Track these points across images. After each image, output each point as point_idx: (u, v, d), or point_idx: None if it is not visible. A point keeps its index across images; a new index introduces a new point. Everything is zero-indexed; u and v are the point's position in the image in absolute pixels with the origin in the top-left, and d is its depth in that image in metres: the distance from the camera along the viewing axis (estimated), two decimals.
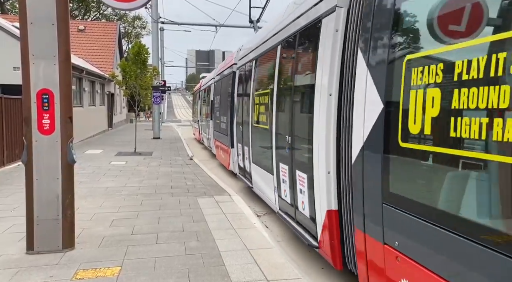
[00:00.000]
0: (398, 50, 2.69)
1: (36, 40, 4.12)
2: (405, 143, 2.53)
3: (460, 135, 2.05)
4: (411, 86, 2.46)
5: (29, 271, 3.83)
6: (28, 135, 4.19)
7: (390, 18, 2.74)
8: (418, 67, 2.41)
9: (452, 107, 2.10)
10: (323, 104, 3.72)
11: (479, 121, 1.93)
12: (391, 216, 2.66)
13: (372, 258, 2.97)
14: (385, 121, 2.73)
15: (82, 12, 44.05)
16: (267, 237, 4.99)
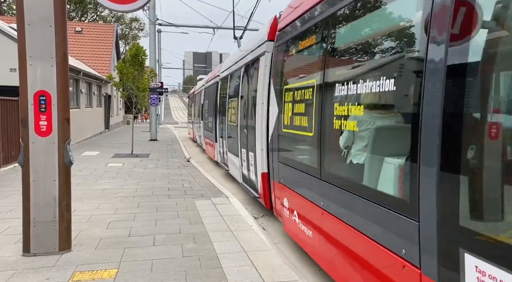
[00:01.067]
0: (282, 82, 5.34)
1: (34, 42, 4.11)
2: (284, 129, 5.12)
3: (299, 124, 4.48)
4: (285, 101, 5.03)
5: (25, 273, 3.81)
6: (25, 137, 4.18)
7: (279, 65, 5.49)
8: (287, 92, 5.01)
9: (296, 112, 4.62)
10: (259, 109, 6.18)
11: (305, 118, 4.31)
12: (281, 168, 5.27)
13: (276, 191, 5.63)
14: (278, 119, 5.33)
15: (79, 13, 43.99)
16: (264, 239, 4.99)
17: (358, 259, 3.06)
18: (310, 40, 4.38)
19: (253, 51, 6.98)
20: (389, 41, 2.94)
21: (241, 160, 7.80)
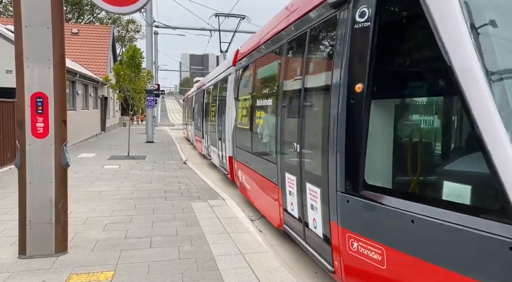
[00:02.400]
0: (237, 93, 8.00)
1: (31, 43, 4.11)
2: (239, 124, 7.63)
3: (243, 121, 7.31)
4: (239, 107, 7.70)
5: (21, 275, 3.80)
6: (21, 138, 4.17)
7: (236, 83, 8.28)
8: (241, 101, 7.60)
9: (242, 114, 7.41)
10: (228, 112, 9.01)
11: (245, 117, 7.11)
12: (236, 150, 7.90)
13: (235, 166, 8.18)
14: (235, 118, 7.99)
15: (76, 15, 43.91)
16: (261, 241, 5.00)
17: (263, 189, 6.03)
18: (248, 70, 7.45)
19: (225, 71, 9.99)
20: (274, 79, 5.62)
21: (218, 150, 10.64)
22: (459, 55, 2.33)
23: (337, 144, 3.25)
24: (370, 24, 3.01)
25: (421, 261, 2.50)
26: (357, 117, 3.08)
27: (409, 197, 2.69)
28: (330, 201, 3.43)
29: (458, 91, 2.30)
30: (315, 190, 3.83)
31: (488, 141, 2.14)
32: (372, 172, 3.03)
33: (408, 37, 2.98)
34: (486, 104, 2.20)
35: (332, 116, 3.36)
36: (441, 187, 2.51)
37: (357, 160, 3.04)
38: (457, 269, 2.27)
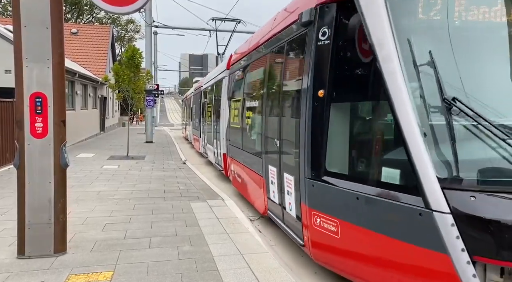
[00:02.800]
0: (230, 95, 8.80)
1: (30, 43, 4.10)
2: (231, 123, 8.44)
3: (235, 121, 8.09)
4: (232, 107, 8.58)
5: (20, 276, 3.79)
6: (20, 138, 4.16)
7: (230, 85, 9.07)
8: (233, 103, 8.47)
9: (234, 114, 8.17)
10: (222, 113, 9.66)
11: (237, 117, 7.85)
12: (230, 147, 8.64)
13: (228, 162, 8.97)
14: (229, 118, 8.81)
15: (75, 15, 43.86)
16: (260, 241, 4.99)
17: (251, 181, 6.75)
18: (238, 75, 8.23)
19: (220, 74, 10.68)
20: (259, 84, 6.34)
21: (213, 148, 11.43)
22: (389, 70, 3.13)
23: (306, 139, 4.00)
24: (329, 42, 3.78)
25: (364, 229, 3.34)
26: (319, 118, 3.84)
27: (356, 180, 3.49)
28: (300, 187, 4.20)
29: (389, 98, 3.10)
30: (290, 178, 4.59)
31: (407, 137, 2.95)
32: (331, 161, 3.79)
33: (355, 54, 3.71)
34: (406, 110, 3.00)
35: (302, 116, 4.10)
36: (379, 172, 3.29)
37: (320, 152, 3.83)
38: (389, 233, 3.12)
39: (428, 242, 2.85)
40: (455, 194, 2.82)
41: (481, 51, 3.40)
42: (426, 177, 2.85)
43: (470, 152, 3.04)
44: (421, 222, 2.86)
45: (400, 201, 3.02)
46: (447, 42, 3.34)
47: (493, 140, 2.95)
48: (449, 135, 2.98)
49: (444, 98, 3.04)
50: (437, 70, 3.13)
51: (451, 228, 2.74)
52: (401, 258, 3.05)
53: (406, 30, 3.33)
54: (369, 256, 3.36)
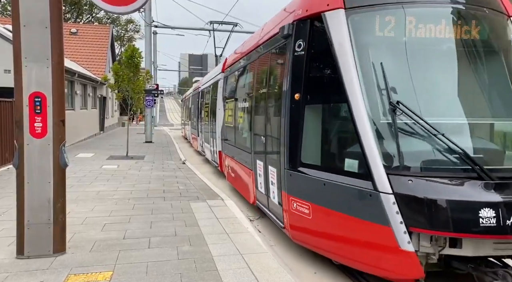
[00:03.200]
0: (225, 96, 9.62)
1: (29, 43, 4.09)
2: (226, 123, 9.19)
3: (228, 120, 8.85)
4: (226, 108, 9.32)
5: (19, 276, 3.78)
6: (20, 138, 4.15)
7: (224, 87, 9.85)
8: (227, 103, 9.20)
9: (228, 114, 8.93)
10: (217, 113, 10.37)
11: (231, 117, 8.52)
12: (224, 145, 9.31)
13: (223, 158, 9.64)
14: (223, 117, 9.54)
15: (75, 15, 43.82)
16: (260, 241, 4.99)
17: (242, 174, 7.36)
18: (231, 78, 9.03)
19: (216, 76, 11.39)
20: (249, 86, 7.04)
21: (210, 146, 12.11)
22: (348, 78, 3.85)
23: (285, 136, 4.64)
24: (304, 53, 4.45)
25: (329, 209, 4.08)
26: (296, 118, 4.49)
27: (323, 169, 4.19)
28: (281, 177, 4.86)
29: (348, 102, 3.80)
30: (273, 170, 5.27)
31: (361, 134, 3.66)
32: (305, 154, 4.44)
33: (324, 64, 4.39)
34: (361, 112, 3.71)
35: (282, 116, 4.78)
36: (341, 162, 4.00)
37: (296, 147, 4.49)
38: (348, 212, 3.84)
39: (375, 217, 3.54)
40: (397, 178, 3.52)
41: (423, 63, 4.11)
42: (375, 165, 3.56)
43: (409, 145, 3.74)
44: (370, 201, 3.57)
45: (355, 185, 3.73)
46: (397, 55, 4.09)
47: (427, 136, 3.66)
48: (394, 132, 3.72)
49: (390, 102, 3.76)
50: (386, 78, 3.85)
51: (392, 205, 3.43)
52: (356, 232, 3.80)
53: (364, 45, 4.04)
54: (333, 232, 4.13)
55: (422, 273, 3.44)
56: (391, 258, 3.53)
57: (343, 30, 3.99)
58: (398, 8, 4.04)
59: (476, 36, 4.13)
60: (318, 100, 4.46)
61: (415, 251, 3.41)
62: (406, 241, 3.39)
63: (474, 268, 3.52)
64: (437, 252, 3.47)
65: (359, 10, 4.08)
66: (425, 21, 4.01)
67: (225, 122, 9.38)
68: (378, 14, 4.04)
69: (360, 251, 3.82)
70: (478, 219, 3.27)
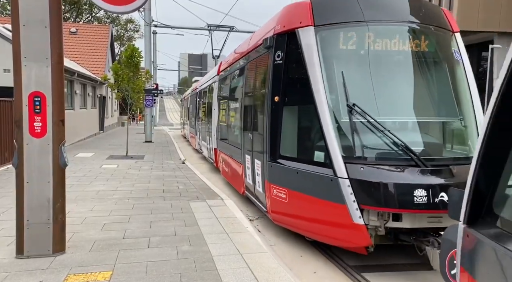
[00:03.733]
0: (219, 97, 10.59)
1: (29, 43, 4.09)
2: (220, 122, 10.04)
3: (221, 119, 9.87)
4: (220, 108, 10.25)
5: (19, 275, 3.78)
6: (19, 138, 4.15)
7: (219, 89, 10.65)
8: (221, 104, 10.16)
9: (222, 113, 9.92)
10: (213, 112, 11.10)
11: (224, 116, 9.63)
12: (219, 142, 10.06)
13: (217, 154, 10.39)
14: (218, 117, 10.41)
15: (74, 14, 43.78)
16: (259, 241, 4.99)
17: (234, 168, 8.06)
18: (225, 80, 9.84)
19: (212, 78, 12.23)
20: (239, 89, 7.84)
21: (207, 144, 12.78)
22: (315, 84, 4.67)
23: (267, 132, 5.44)
24: (282, 62, 5.28)
25: (301, 194, 4.88)
26: (276, 117, 5.28)
27: (297, 160, 5.05)
28: (264, 168, 5.66)
29: (315, 104, 4.62)
30: (258, 162, 6.04)
31: (325, 131, 4.48)
32: (283, 148, 5.28)
33: (298, 71, 5.10)
34: (324, 112, 4.53)
35: (265, 116, 5.59)
36: (310, 154, 4.89)
37: (276, 142, 5.31)
38: (315, 194, 4.66)
39: (335, 197, 4.34)
40: (352, 166, 4.33)
41: (378, 71, 4.89)
42: (335, 156, 4.38)
43: (362, 139, 4.54)
44: (331, 185, 4.37)
45: (321, 173, 4.54)
46: (356, 65, 4.95)
47: (376, 132, 4.47)
48: (350, 129, 4.55)
49: (347, 104, 4.55)
50: (346, 85, 4.65)
51: (347, 187, 4.24)
52: (321, 211, 4.61)
53: (329, 56, 4.86)
54: (304, 212, 4.92)
55: (370, 242, 4.26)
56: (347, 230, 4.34)
57: (312, 44, 4.81)
58: (358, 26, 4.84)
59: (424, 49, 4.95)
60: (293, 102, 5.30)
61: (365, 224, 4.21)
62: (358, 216, 4.19)
63: (415, 239, 4.31)
64: (382, 225, 4.26)
65: (326, 27, 4.91)
66: (381, 36, 4.82)
67: (219, 121, 10.23)
68: (342, 31, 4.84)
69: (324, 226, 4.69)
70: (413, 197, 4.05)
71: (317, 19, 4.88)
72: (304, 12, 4.98)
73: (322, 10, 4.98)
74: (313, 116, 4.69)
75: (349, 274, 4.40)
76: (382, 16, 4.96)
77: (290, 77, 5.28)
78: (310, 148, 4.95)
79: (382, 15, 4.97)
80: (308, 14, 4.93)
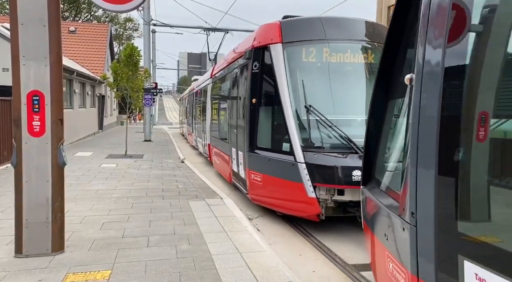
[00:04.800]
0: (211, 98, 12.08)
1: (27, 41, 4.08)
2: (212, 120, 11.53)
3: (213, 117, 11.56)
4: (213, 108, 11.72)
5: (17, 275, 3.78)
6: (18, 137, 4.14)
7: (211, 90, 12.02)
8: (214, 104, 11.60)
9: (213, 112, 11.45)
10: (208, 111, 12.57)
11: (215, 115, 11.12)
12: (211, 138, 11.43)
13: (210, 149, 11.78)
14: (211, 115, 11.87)
15: (73, 13, 43.70)
16: (258, 240, 4.99)
17: (223, 160, 9.29)
18: (216, 83, 11.05)
19: (206, 80, 13.47)
20: (227, 91, 9.25)
21: (202, 140, 14.03)
22: (282, 89, 5.94)
23: (247, 128, 6.65)
24: (258, 71, 6.50)
25: (272, 177, 6.09)
26: (254, 115, 6.51)
27: (269, 150, 6.25)
28: (245, 158, 6.84)
29: (281, 105, 5.86)
30: (241, 153, 7.22)
31: (288, 127, 5.74)
32: (258, 141, 6.47)
33: (269, 79, 6.25)
34: (288, 112, 5.80)
35: (245, 114, 6.78)
36: (278, 145, 6.05)
37: (254, 136, 6.51)
38: (282, 176, 5.87)
39: (295, 178, 5.58)
40: (307, 153, 5.58)
41: (331, 79, 6.13)
42: (296, 146, 5.65)
43: (316, 132, 5.81)
44: (293, 168, 5.61)
45: (286, 159, 5.77)
46: (314, 74, 6.23)
47: (327, 127, 5.74)
48: (307, 125, 5.81)
49: (305, 106, 5.85)
50: (305, 90, 5.98)
51: (304, 170, 5.49)
52: (286, 188, 5.85)
53: (293, 67, 6.10)
54: (274, 191, 6.15)
55: (320, 210, 5.49)
56: (304, 203, 5.57)
57: (280, 57, 6.09)
58: (318, 43, 6.14)
59: (369, 61, 6.21)
60: (266, 103, 6.49)
61: (316, 198, 5.44)
62: (311, 192, 5.43)
63: (357, 210, 5.30)
64: (330, 198, 5.46)
65: (291, 44, 6.17)
66: (336, 51, 6.12)
67: (212, 119, 11.71)
68: (304, 47, 6.12)
69: (288, 201, 5.95)
70: (352, 176, 5.19)
71: (285, 37, 6.17)
72: (275, 32, 6.27)
73: (289, 30, 6.23)
74: (281, 115, 5.92)
75: (348, 272, 4.41)
76: (337, 35, 6.23)
77: (264, 83, 6.45)
78: (278, 140, 6.11)
79: (337, 34, 6.24)
80: (277, 33, 6.22)
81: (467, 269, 1.76)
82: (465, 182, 1.89)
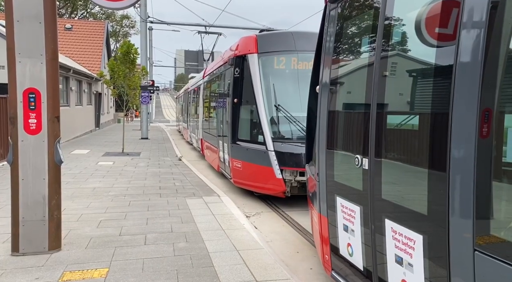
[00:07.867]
0: (203, 97, 13.62)
1: (23, 39, 4.05)
2: (204, 117, 13.23)
3: (205, 114, 13.14)
4: (204, 106, 13.40)
5: (14, 273, 3.76)
6: (14, 135, 4.12)
7: (204, 90, 13.48)
8: (205, 102, 13.22)
9: (205, 110, 13.07)
10: (199, 109, 14.49)
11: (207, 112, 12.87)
12: (204, 133, 12.86)
13: (204, 146, 12.70)
14: (203, 112, 13.59)
15: (69, 10, 43.45)
16: (256, 237, 4.99)
17: (213, 152, 10.65)
18: (207, 83, 12.55)
19: (199, 81, 14.74)
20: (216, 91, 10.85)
21: (195, 135, 15.25)
22: (257, 91, 7.35)
23: (230, 124, 7.92)
24: (239, 76, 7.74)
25: (249, 163, 7.45)
26: (235, 113, 7.80)
27: (247, 142, 7.57)
28: (229, 148, 8.13)
29: (257, 104, 7.29)
30: (225, 145, 8.53)
31: (261, 122, 7.19)
32: (239, 134, 7.76)
33: (247, 82, 7.54)
34: (262, 110, 7.22)
35: (229, 112, 8.03)
36: (254, 137, 7.43)
37: (235, 130, 7.80)
38: (257, 162, 7.25)
39: (267, 163, 6.87)
40: (276, 143, 6.89)
41: (296, 82, 7.40)
42: (267, 138, 6.97)
43: (283, 126, 7.12)
44: (265, 155, 6.90)
45: (260, 149, 7.06)
46: (283, 79, 7.54)
47: (291, 122, 6.99)
48: (276, 120, 7.15)
49: (274, 105, 7.17)
50: (275, 91, 7.32)
51: (273, 156, 6.78)
52: (259, 172, 7.11)
53: (266, 73, 7.41)
54: (251, 175, 7.41)
55: (285, 188, 6.75)
56: (273, 183, 6.85)
57: (256, 65, 7.41)
58: (287, 53, 7.48)
59: None
60: (245, 103, 7.67)
61: (283, 178, 6.72)
62: (278, 174, 6.73)
63: None
64: (293, 179, 6.69)
65: (266, 54, 7.50)
66: (302, 60, 7.37)
67: (204, 116, 13.15)
68: (275, 56, 7.48)
69: (261, 183, 7.21)
70: None
71: (260, 48, 7.51)
72: (251, 43, 7.63)
73: (263, 42, 7.61)
74: (256, 112, 7.25)
75: None
76: (304, 47, 7.38)
77: (243, 86, 7.71)
78: (254, 133, 7.41)
79: (304, 46, 7.39)
80: (253, 45, 7.56)
81: (337, 202, 3.29)
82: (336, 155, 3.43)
